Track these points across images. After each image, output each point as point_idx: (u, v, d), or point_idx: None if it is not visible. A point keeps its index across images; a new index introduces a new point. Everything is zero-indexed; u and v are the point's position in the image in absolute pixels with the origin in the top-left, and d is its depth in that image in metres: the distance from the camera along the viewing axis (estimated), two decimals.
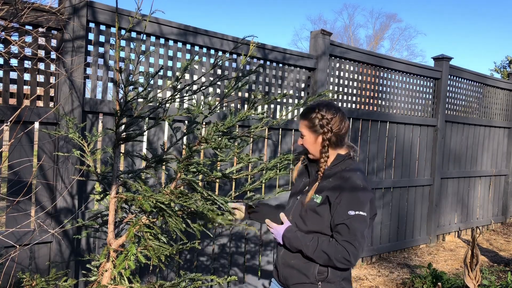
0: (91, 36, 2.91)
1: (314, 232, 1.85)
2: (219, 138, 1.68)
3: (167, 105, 1.77)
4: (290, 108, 4.12)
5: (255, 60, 3.82)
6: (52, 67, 2.72)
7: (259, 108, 3.93)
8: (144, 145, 3.30)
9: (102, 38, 2.97)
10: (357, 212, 1.73)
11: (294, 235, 1.84)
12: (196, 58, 3.44)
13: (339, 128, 1.90)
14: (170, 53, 3.31)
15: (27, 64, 2.64)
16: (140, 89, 2.14)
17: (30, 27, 2.63)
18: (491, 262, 5.34)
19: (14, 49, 2.56)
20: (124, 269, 1.57)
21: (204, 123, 3.44)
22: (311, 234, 1.84)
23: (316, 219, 1.84)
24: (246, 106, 3.75)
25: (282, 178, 4.10)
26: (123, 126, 1.75)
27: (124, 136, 1.71)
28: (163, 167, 2.03)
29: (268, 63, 3.92)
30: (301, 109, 1.96)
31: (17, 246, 2.37)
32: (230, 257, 3.73)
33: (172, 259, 1.71)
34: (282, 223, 1.95)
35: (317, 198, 1.84)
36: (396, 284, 4.41)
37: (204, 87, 1.77)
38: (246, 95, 3.79)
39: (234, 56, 3.67)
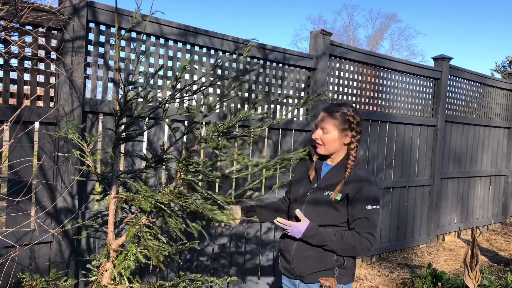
0: (91, 36, 2.91)
1: (330, 226, 1.96)
2: (218, 138, 1.69)
3: (167, 105, 1.77)
4: (290, 108, 4.12)
5: (255, 60, 3.82)
6: (52, 67, 2.73)
7: (259, 108, 3.93)
8: (144, 145, 3.30)
9: (102, 38, 2.97)
10: (374, 206, 1.93)
11: (318, 232, 1.91)
12: (196, 58, 3.44)
13: (361, 133, 2.02)
14: (170, 53, 3.31)
15: (27, 64, 2.64)
16: (140, 89, 2.14)
17: (30, 27, 2.63)
18: (491, 262, 5.34)
19: (14, 49, 2.56)
20: (124, 269, 1.57)
21: (204, 123, 3.44)
22: (330, 228, 1.95)
23: (334, 214, 1.96)
24: (246, 106, 3.75)
25: (283, 178, 4.10)
26: (123, 126, 1.75)
27: (124, 136, 1.71)
28: (163, 167, 2.03)
29: (268, 63, 3.92)
30: (322, 106, 2.04)
31: (17, 246, 2.37)
32: (230, 257, 3.73)
33: (172, 259, 1.71)
34: (292, 219, 2.04)
35: (337, 196, 1.94)
36: (396, 284, 4.41)
37: (204, 87, 1.77)
38: (246, 95, 3.79)
39: (234, 56, 3.67)
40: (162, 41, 3.25)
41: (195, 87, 3.46)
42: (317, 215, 1.96)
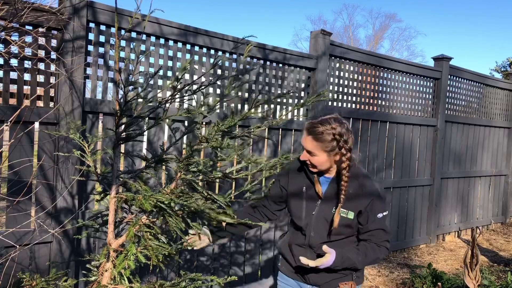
0: (91, 36, 2.91)
1: (347, 237, 1.94)
2: (220, 138, 1.69)
3: (167, 105, 1.77)
4: (289, 108, 4.12)
5: (255, 60, 3.82)
6: (52, 67, 2.73)
7: (260, 108, 3.93)
8: (144, 145, 3.30)
9: (102, 38, 2.97)
10: (384, 214, 1.92)
11: (344, 260, 1.86)
12: (196, 58, 3.44)
13: (352, 143, 1.91)
14: (170, 53, 3.31)
15: (27, 64, 2.64)
16: (140, 89, 2.14)
17: (30, 27, 2.63)
18: (491, 262, 5.34)
19: (14, 49, 2.56)
20: (124, 269, 1.57)
21: (204, 123, 3.44)
22: (350, 246, 1.92)
23: (349, 230, 1.93)
24: (246, 106, 3.75)
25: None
26: (123, 126, 1.75)
27: (124, 136, 1.71)
28: (163, 167, 2.03)
29: (268, 63, 3.92)
30: (303, 117, 1.93)
31: (17, 246, 2.37)
32: (230, 257, 3.73)
33: (172, 259, 1.71)
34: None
35: (349, 214, 1.88)
36: (396, 284, 4.41)
37: (203, 87, 1.77)
38: (246, 95, 3.79)
39: (234, 56, 3.67)
40: (162, 41, 3.25)
41: (194, 87, 3.46)
42: (330, 232, 1.91)
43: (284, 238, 2.14)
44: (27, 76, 2.65)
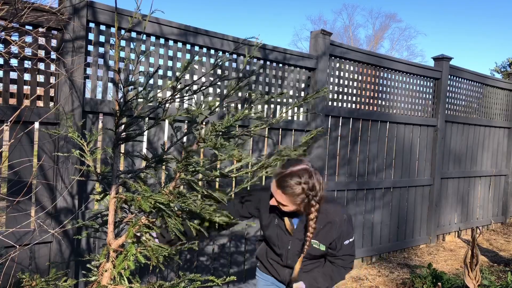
0: (91, 36, 2.91)
1: (316, 260, 2.10)
2: (218, 138, 1.69)
3: (167, 105, 1.77)
4: (289, 108, 4.12)
5: (255, 60, 3.82)
6: (52, 67, 2.73)
7: (259, 107, 3.93)
8: (144, 145, 3.30)
9: (102, 38, 2.97)
10: (350, 240, 2.03)
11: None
12: (196, 58, 3.44)
13: (322, 186, 1.87)
14: (170, 53, 3.31)
15: (27, 64, 2.64)
16: (140, 89, 2.14)
17: (30, 27, 2.63)
18: (491, 262, 5.34)
19: (14, 49, 2.56)
20: (124, 269, 1.57)
21: (204, 123, 3.44)
22: (320, 269, 2.09)
23: (320, 257, 2.08)
24: (246, 105, 3.75)
25: None
26: (122, 126, 1.75)
27: (123, 136, 1.71)
28: (163, 167, 2.03)
29: (268, 63, 3.92)
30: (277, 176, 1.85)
31: (17, 246, 2.37)
32: (230, 257, 3.73)
33: (171, 259, 1.71)
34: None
35: (321, 246, 2.00)
36: (396, 284, 4.41)
37: (204, 87, 1.77)
38: (247, 95, 3.79)
39: (235, 56, 3.67)
40: (162, 41, 3.25)
41: (195, 87, 3.46)
42: (304, 259, 2.03)
43: (262, 248, 2.24)
44: (27, 76, 2.65)
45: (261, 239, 2.27)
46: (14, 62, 2.60)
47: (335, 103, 4.61)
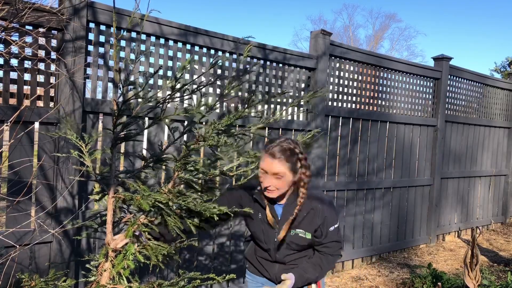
0: (91, 36, 2.92)
1: (305, 250, 2.08)
2: (218, 136, 1.69)
3: (168, 104, 1.77)
4: (288, 108, 4.12)
5: (255, 60, 3.83)
6: (53, 67, 2.73)
7: (259, 107, 3.94)
8: (144, 145, 3.30)
9: (102, 38, 2.97)
10: (335, 226, 2.02)
11: (303, 279, 2.02)
12: (196, 58, 3.44)
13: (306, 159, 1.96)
14: (170, 53, 3.31)
15: (27, 64, 2.64)
16: (139, 89, 2.14)
17: (31, 28, 2.63)
18: (491, 262, 5.34)
19: (15, 49, 2.56)
20: (123, 269, 1.58)
21: (203, 123, 3.44)
22: (307, 262, 2.06)
23: (307, 246, 2.06)
24: (246, 105, 3.75)
25: None
26: (120, 126, 1.75)
27: (122, 136, 1.72)
28: (162, 166, 2.03)
29: (268, 63, 3.93)
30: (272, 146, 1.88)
31: (17, 246, 2.37)
32: (230, 256, 3.73)
33: (171, 258, 1.72)
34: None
35: (307, 235, 2.00)
36: (396, 284, 4.41)
37: (202, 87, 1.78)
38: (246, 95, 3.80)
39: (235, 56, 3.67)
40: (162, 41, 3.26)
41: (194, 87, 3.46)
42: (291, 251, 2.04)
43: (250, 248, 2.22)
44: (27, 76, 2.66)
45: (249, 239, 2.26)
46: (14, 62, 2.61)
47: (335, 103, 4.61)
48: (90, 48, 2.91)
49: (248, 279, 2.26)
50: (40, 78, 2.72)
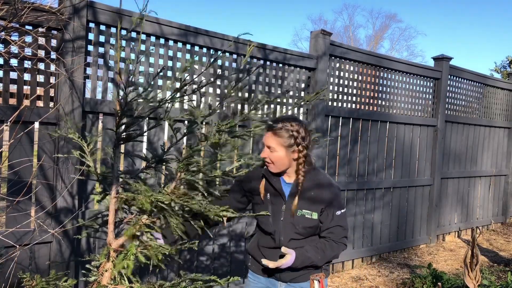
0: (91, 36, 2.91)
1: (310, 236, 2.05)
2: (219, 134, 1.69)
3: (169, 105, 1.77)
4: (289, 107, 4.12)
5: (255, 60, 3.82)
6: (52, 67, 2.73)
7: (260, 110, 3.93)
8: (145, 145, 3.30)
9: (102, 38, 2.97)
10: (342, 211, 2.04)
11: (305, 259, 1.97)
12: (197, 58, 3.44)
13: (310, 144, 2.01)
14: (170, 53, 3.31)
15: (27, 64, 2.64)
16: (141, 89, 2.14)
17: (30, 27, 2.63)
18: (491, 262, 5.34)
19: (14, 49, 2.56)
20: (124, 269, 1.57)
21: (204, 123, 3.44)
22: (311, 245, 2.02)
23: (313, 230, 2.04)
24: (246, 106, 3.75)
25: None
26: (123, 127, 1.75)
27: (124, 136, 1.71)
28: (163, 167, 2.03)
29: (268, 63, 3.92)
30: (272, 122, 1.98)
31: (17, 246, 2.37)
32: (230, 256, 3.73)
33: (172, 259, 1.71)
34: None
35: (313, 215, 1.99)
36: (396, 284, 4.41)
37: (203, 86, 1.77)
38: (247, 95, 3.79)
39: (235, 56, 3.67)
40: (162, 41, 3.25)
41: (194, 87, 3.46)
42: (297, 233, 2.02)
43: (253, 241, 2.21)
44: (27, 76, 2.65)
45: (252, 235, 2.25)
46: (14, 62, 2.60)
47: (335, 103, 4.61)
48: (90, 48, 2.91)
49: (249, 279, 2.21)
50: (40, 78, 2.71)
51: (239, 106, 3.74)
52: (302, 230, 2.00)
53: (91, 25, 2.90)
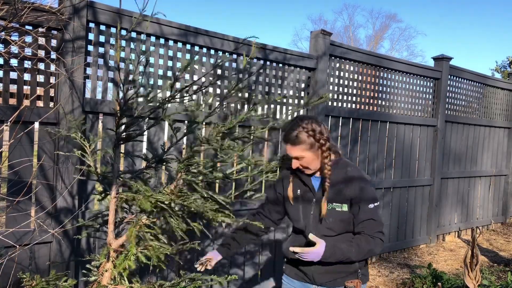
0: (91, 36, 2.91)
1: (344, 232, 2.00)
2: (221, 139, 1.69)
3: (168, 105, 1.77)
4: (290, 108, 4.12)
5: (255, 60, 3.82)
6: (52, 67, 2.72)
7: (259, 109, 3.93)
8: (145, 145, 3.30)
9: (102, 38, 2.97)
10: (375, 204, 1.97)
11: (336, 251, 1.90)
12: (197, 58, 3.43)
13: (327, 134, 2.00)
14: (170, 53, 3.30)
15: (27, 64, 2.64)
16: (141, 89, 2.14)
17: (30, 27, 2.62)
18: (491, 262, 5.34)
19: (14, 49, 2.56)
20: (124, 269, 1.57)
21: (204, 123, 3.44)
22: (344, 239, 1.97)
23: (345, 224, 1.98)
24: (246, 106, 3.75)
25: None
26: (123, 126, 1.75)
27: (124, 136, 1.71)
28: (163, 167, 2.03)
29: (268, 63, 3.92)
30: (286, 133, 1.97)
31: (17, 246, 2.37)
32: (230, 257, 3.72)
33: (172, 259, 1.71)
34: (308, 242, 1.98)
35: (343, 207, 1.96)
36: (396, 284, 4.41)
37: (204, 87, 1.77)
38: (247, 95, 3.79)
39: (234, 56, 3.67)
40: (162, 41, 3.25)
41: (195, 87, 3.45)
42: (329, 229, 1.98)
43: (287, 242, 2.19)
44: (27, 76, 2.65)
45: (287, 237, 2.27)
46: (14, 62, 2.60)
47: (335, 103, 4.61)
48: (90, 48, 2.91)
49: (284, 281, 2.21)
50: (40, 78, 2.71)
51: (239, 106, 3.73)
52: (333, 225, 1.96)
53: (91, 25, 2.90)
